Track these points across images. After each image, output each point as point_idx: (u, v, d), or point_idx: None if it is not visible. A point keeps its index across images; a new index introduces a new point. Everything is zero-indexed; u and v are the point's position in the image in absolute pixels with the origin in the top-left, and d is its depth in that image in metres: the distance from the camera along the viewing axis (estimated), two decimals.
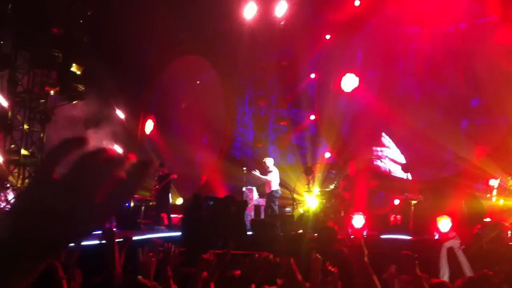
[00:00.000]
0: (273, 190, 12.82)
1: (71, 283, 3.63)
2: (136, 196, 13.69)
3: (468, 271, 4.99)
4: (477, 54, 12.88)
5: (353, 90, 14.98)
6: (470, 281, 3.59)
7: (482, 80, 12.67)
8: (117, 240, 4.28)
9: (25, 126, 13.48)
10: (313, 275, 4.56)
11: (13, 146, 13.42)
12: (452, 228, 8.91)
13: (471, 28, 13.52)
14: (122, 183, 0.81)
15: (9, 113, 13.23)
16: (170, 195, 13.98)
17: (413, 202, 10.59)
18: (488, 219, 9.36)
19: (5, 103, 13.20)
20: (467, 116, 13.71)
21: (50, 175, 0.80)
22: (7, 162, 13.26)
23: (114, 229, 4.28)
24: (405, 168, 13.18)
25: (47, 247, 0.79)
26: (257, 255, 3.87)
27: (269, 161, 13.12)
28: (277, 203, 12.94)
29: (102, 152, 0.82)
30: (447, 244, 5.62)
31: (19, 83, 13.47)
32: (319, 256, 4.62)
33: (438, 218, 9.13)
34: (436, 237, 8.91)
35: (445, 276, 5.26)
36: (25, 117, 13.61)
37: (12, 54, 13.24)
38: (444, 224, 9.00)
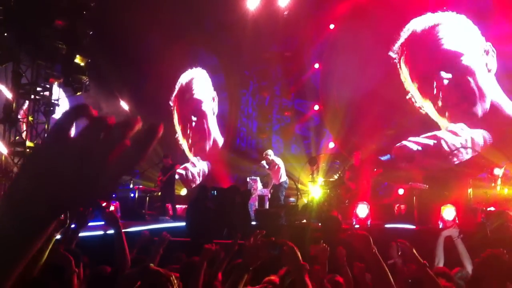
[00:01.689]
0: (282, 181, 12.90)
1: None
2: (141, 187, 13.76)
3: (467, 261, 5.00)
4: None
5: (357, 80, 14.92)
6: (482, 261, 3.63)
7: None
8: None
9: (30, 118, 13.51)
10: (321, 264, 4.59)
11: (17, 137, 13.45)
12: (456, 217, 8.94)
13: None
14: (131, 148, 0.82)
15: (14, 105, 13.26)
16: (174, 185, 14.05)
17: (418, 191, 10.61)
18: (492, 208, 9.36)
19: (9, 95, 13.23)
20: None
21: (64, 136, 0.82)
22: (12, 153, 13.30)
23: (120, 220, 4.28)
24: (410, 157, 13.18)
25: (56, 208, 0.81)
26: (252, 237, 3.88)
27: (271, 153, 13.22)
28: (284, 193, 13.05)
29: (111, 118, 0.84)
30: (445, 232, 5.63)
31: (23, 75, 13.48)
32: (326, 246, 4.66)
33: (442, 207, 9.16)
34: (441, 226, 8.93)
35: (440, 264, 5.28)
36: (30, 109, 13.64)
37: (16, 46, 13.25)
38: (449, 213, 9.02)
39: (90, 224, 4.88)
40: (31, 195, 0.78)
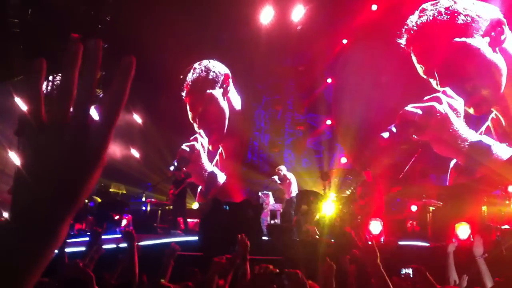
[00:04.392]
0: (292, 196, 12.87)
1: None
2: (153, 200, 13.78)
3: (488, 280, 4.91)
4: None
5: (370, 95, 14.87)
6: (505, 281, 3.60)
7: None
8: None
9: None
10: (327, 281, 4.55)
11: None
12: (470, 235, 8.82)
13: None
14: (110, 98, 0.80)
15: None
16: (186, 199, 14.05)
17: (431, 208, 10.49)
18: (507, 226, 9.23)
19: (24, 108, 13.35)
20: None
21: (36, 120, 0.80)
22: None
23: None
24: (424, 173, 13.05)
25: (62, 200, 0.77)
26: (257, 267, 3.87)
27: (283, 168, 13.24)
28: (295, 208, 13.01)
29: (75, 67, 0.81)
30: (450, 248, 5.55)
31: None
32: (333, 264, 4.62)
33: (456, 225, 9.04)
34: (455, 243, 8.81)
35: (455, 279, 5.20)
36: None
37: (31, 59, 13.39)
38: (463, 230, 8.90)
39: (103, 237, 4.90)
40: (32, 193, 0.76)
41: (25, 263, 0.75)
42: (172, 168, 13.73)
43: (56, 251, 0.79)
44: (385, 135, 12.59)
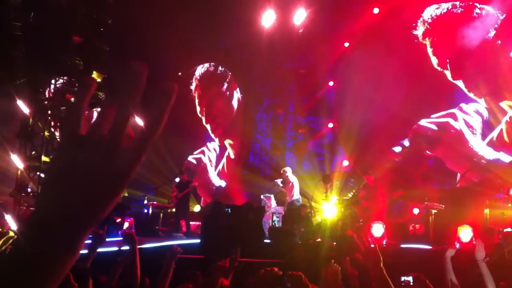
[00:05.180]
0: (294, 199, 12.86)
1: None
2: (154, 203, 13.77)
3: (490, 284, 4.89)
4: None
5: (372, 98, 14.87)
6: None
7: None
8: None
9: (46, 133, 13.64)
10: (332, 283, 4.54)
11: (33, 152, 13.56)
12: (472, 238, 8.80)
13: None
14: (147, 122, 0.80)
15: (31, 120, 13.40)
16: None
17: (434, 211, 10.46)
18: (509, 229, 9.21)
19: (26, 110, 13.38)
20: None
21: (74, 133, 0.80)
22: (28, 168, 13.40)
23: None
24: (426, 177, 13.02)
25: (89, 211, 0.77)
26: (262, 271, 3.87)
27: (288, 170, 13.24)
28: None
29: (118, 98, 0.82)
30: (449, 253, 5.52)
31: (40, 90, 13.64)
32: (337, 264, 4.61)
33: (459, 228, 9.02)
34: (457, 246, 8.79)
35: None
36: (46, 124, 13.77)
37: (34, 62, 13.42)
38: (465, 233, 8.88)
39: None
40: (55, 210, 0.76)
41: (41, 270, 0.75)
42: (177, 179, 13.73)
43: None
44: (397, 149, 12.63)
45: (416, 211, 11.57)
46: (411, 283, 4.78)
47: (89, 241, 4.78)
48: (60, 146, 0.83)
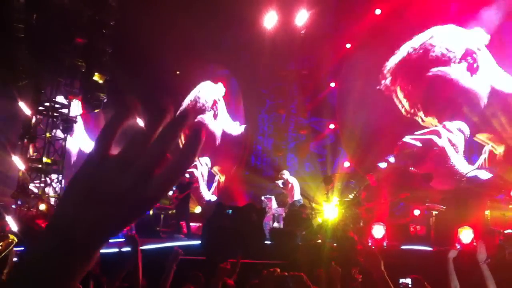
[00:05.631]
0: (295, 200, 12.88)
1: None
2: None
3: (492, 286, 4.90)
4: None
5: (374, 99, 14.90)
6: None
7: None
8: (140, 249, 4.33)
9: (47, 135, 13.67)
10: (333, 285, 4.56)
11: (35, 154, 13.60)
12: (473, 239, 8.80)
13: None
14: (177, 157, 0.81)
15: (33, 122, 13.43)
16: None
17: (435, 212, 10.47)
18: (510, 230, 9.21)
19: (28, 112, 13.42)
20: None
21: (106, 152, 0.81)
22: (29, 169, 13.44)
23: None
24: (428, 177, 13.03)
25: (107, 230, 0.78)
26: (265, 271, 3.89)
27: (286, 173, 13.29)
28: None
29: (153, 129, 0.82)
30: (451, 254, 5.52)
31: (43, 92, 13.68)
32: (338, 267, 4.62)
33: (459, 229, 9.02)
34: (458, 248, 8.79)
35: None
36: (48, 126, 13.80)
37: (36, 64, 13.47)
38: (466, 235, 8.88)
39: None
40: (75, 220, 0.77)
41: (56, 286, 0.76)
42: (171, 192, 13.68)
43: None
44: (383, 165, 12.81)
45: (417, 212, 11.56)
46: (410, 285, 4.79)
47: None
48: (90, 160, 0.82)
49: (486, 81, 12.62)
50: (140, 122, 0.86)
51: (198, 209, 16.66)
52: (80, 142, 19.07)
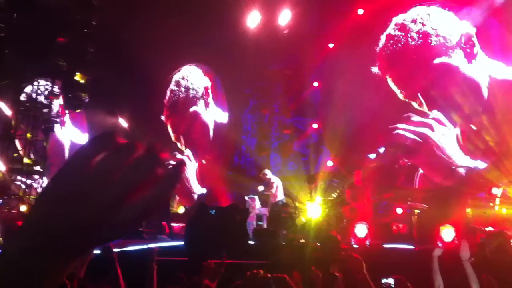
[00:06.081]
0: (278, 200, 12.90)
1: None
2: None
3: (474, 284, 4.95)
4: None
5: (357, 98, 14.96)
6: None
7: None
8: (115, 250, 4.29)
9: (28, 135, 13.53)
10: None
11: (16, 154, 13.45)
12: (455, 238, 8.89)
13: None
14: (159, 186, 0.77)
15: (13, 122, 13.28)
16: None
17: (417, 211, 10.56)
18: (491, 228, 9.32)
19: (8, 112, 13.26)
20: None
21: (86, 162, 0.76)
22: (10, 170, 13.28)
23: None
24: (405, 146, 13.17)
25: (77, 239, 0.74)
26: (248, 273, 3.89)
27: (268, 172, 13.30)
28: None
29: (139, 149, 0.77)
30: (436, 252, 5.58)
31: (23, 92, 13.53)
32: (318, 272, 4.64)
33: (441, 228, 9.10)
34: (440, 246, 8.88)
35: (441, 286, 5.22)
36: (29, 126, 13.66)
37: (17, 64, 13.32)
38: (447, 233, 8.97)
39: None
40: (50, 224, 0.74)
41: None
42: None
43: None
44: (372, 156, 12.82)
45: (399, 211, 11.66)
46: (392, 286, 4.82)
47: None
48: (67, 168, 0.77)
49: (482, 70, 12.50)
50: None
51: (181, 209, 16.58)
52: (71, 135, 18.68)
